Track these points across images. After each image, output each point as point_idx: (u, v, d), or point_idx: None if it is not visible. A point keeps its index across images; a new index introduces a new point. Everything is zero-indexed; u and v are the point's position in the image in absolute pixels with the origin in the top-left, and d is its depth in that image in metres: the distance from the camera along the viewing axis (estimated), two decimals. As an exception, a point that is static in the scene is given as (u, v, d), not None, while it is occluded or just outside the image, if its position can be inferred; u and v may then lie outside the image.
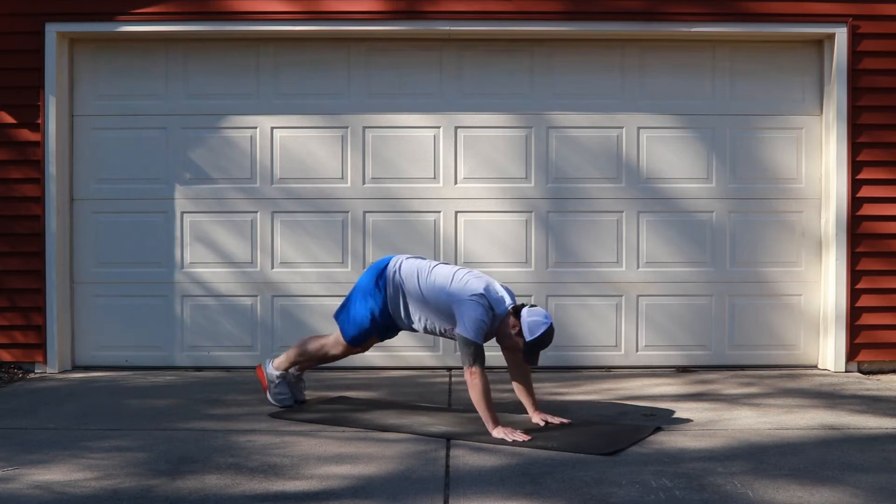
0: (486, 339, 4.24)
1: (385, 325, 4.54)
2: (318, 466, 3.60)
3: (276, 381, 4.74)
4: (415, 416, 4.52)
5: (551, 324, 4.11)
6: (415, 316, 4.42)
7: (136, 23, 5.86)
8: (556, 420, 4.32)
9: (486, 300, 4.16)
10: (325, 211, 6.10)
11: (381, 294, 4.45)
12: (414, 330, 4.51)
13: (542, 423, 4.29)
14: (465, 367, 4.12)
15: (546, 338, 4.10)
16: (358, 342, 4.57)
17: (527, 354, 4.12)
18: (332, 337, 4.68)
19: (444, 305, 4.26)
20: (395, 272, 4.45)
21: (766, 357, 6.16)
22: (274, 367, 4.74)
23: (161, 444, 3.95)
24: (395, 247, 6.07)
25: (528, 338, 4.07)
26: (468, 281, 4.25)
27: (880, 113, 5.95)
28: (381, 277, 4.47)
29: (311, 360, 4.75)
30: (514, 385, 4.39)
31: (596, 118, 6.12)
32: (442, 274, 4.34)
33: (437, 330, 4.41)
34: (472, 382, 4.09)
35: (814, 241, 6.14)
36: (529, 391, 4.37)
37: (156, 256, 6.08)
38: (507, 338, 4.19)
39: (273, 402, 4.75)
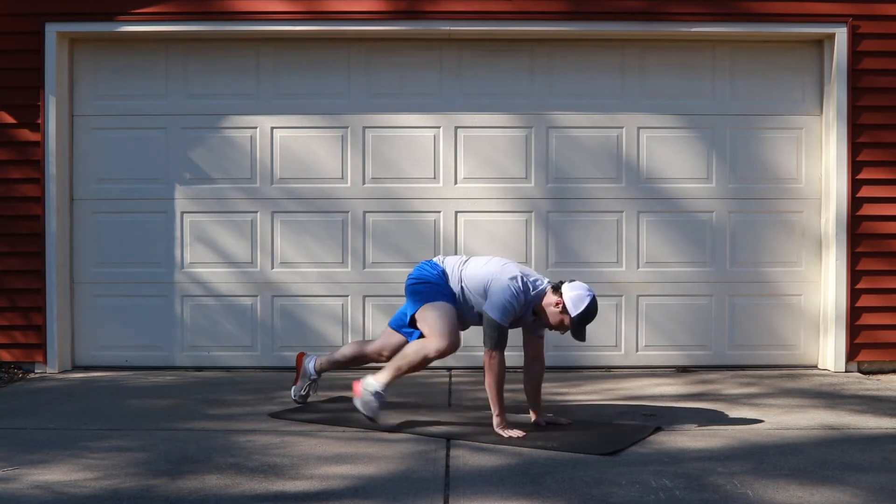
0: (515, 324, 4.22)
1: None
2: (319, 466, 3.60)
3: (309, 382, 4.76)
4: (415, 416, 4.52)
5: (594, 296, 4.09)
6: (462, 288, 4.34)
7: (136, 23, 5.86)
8: (556, 421, 4.32)
9: (520, 283, 4.13)
10: (325, 211, 6.10)
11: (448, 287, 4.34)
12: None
13: (542, 424, 4.29)
14: (485, 349, 4.11)
15: (591, 310, 4.06)
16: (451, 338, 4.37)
17: (575, 330, 4.08)
18: (377, 340, 4.60)
19: (479, 286, 4.22)
20: (442, 264, 4.41)
21: (766, 357, 6.16)
22: (315, 369, 4.74)
23: (161, 444, 3.95)
24: (395, 246, 6.07)
25: (573, 312, 4.04)
26: (505, 263, 4.26)
27: (880, 113, 5.95)
28: (437, 273, 4.38)
29: (348, 362, 4.71)
30: (525, 383, 4.37)
31: (596, 118, 6.12)
32: (477, 258, 4.37)
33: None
34: (489, 364, 4.08)
35: (814, 241, 6.14)
36: (538, 393, 4.36)
37: (156, 256, 6.07)
38: (547, 317, 4.13)
39: (292, 394, 4.79)
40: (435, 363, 6.10)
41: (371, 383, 4.27)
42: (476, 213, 6.10)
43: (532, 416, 4.35)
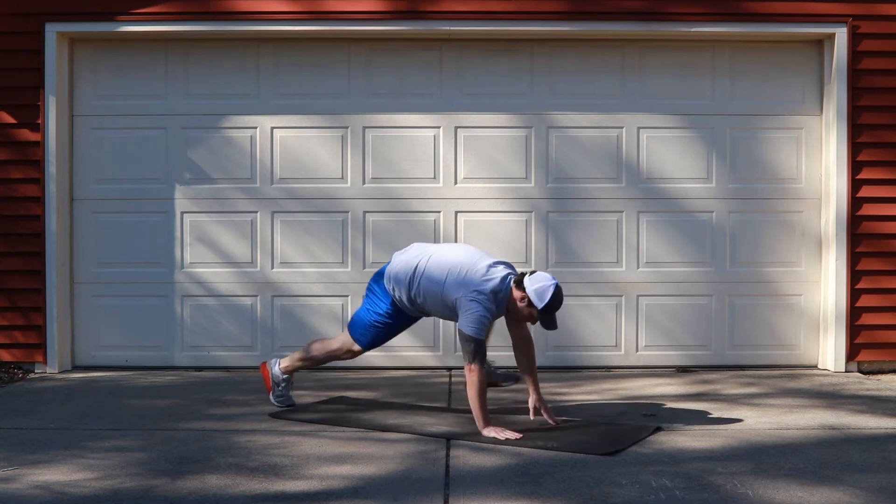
0: (498, 315, 4.25)
1: (395, 324, 4.53)
2: (319, 466, 3.60)
3: (282, 385, 4.74)
4: (415, 416, 4.52)
5: (557, 283, 4.12)
6: (421, 302, 4.40)
7: (136, 23, 5.86)
8: (552, 420, 4.31)
9: (487, 292, 4.13)
10: (325, 211, 6.10)
11: (388, 296, 4.47)
12: (427, 313, 4.51)
13: (535, 409, 4.30)
14: (464, 364, 4.14)
15: (556, 299, 4.10)
16: (365, 344, 4.57)
17: (543, 321, 4.12)
18: (338, 339, 4.69)
19: (442, 300, 4.27)
20: (392, 272, 4.46)
21: (766, 357, 6.16)
22: (281, 370, 4.74)
23: (161, 444, 3.95)
24: (395, 246, 6.03)
25: (539, 305, 4.07)
26: (465, 273, 4.21)
27: (880, 113, 5.95)
28: (381, 279, 4.50)
29: (317, 363, 4.76)
30: (518, 362, 4.40)
31: (596, 118, 6.12)
32: (437, 268, 4.29)
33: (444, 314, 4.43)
34: (470, 379, 4.10)
35: (814, 241, 6.14)
36: (532, 366, 4.36)
37: (156, 256, 6.07)
38: (518, 311, 4.18)
39: (275, 403, 4.75)
40: (434, 363, 6.14)
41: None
42: (476, 213, 6.10)
43: (531, 402, 4.33)
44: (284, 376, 4.73)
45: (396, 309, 4.48)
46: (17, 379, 5.70)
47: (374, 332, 4.54)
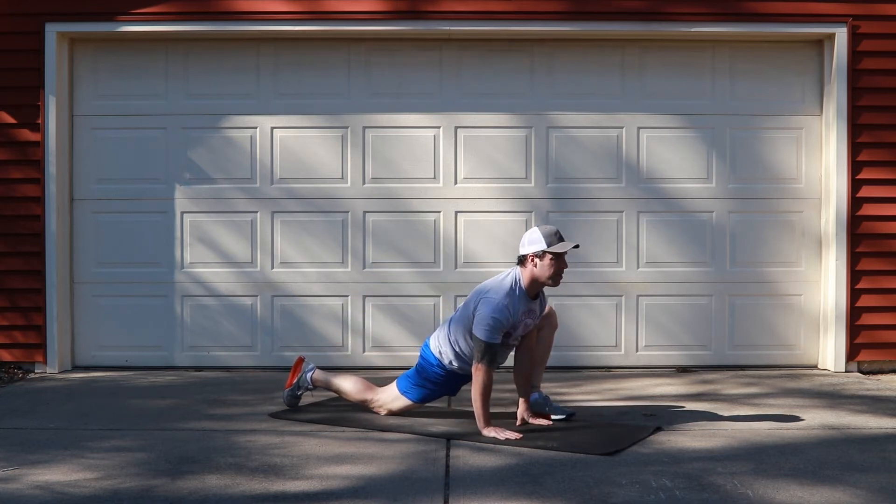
0: (526, 315, 4.23)
1: (445, 390, 4.53)
2: (319, 466, 3.60)
3: (303, 391, 4.72)
4: (415, 416, 4.52)
5: (535, 227, 4.22)
6: (464, 347, 4.35)
7: (136, 23, 5.86)
8: (538, 421, 4.33)
9: (499, 296, 4.13)
10: (325, 211, 6.10)
11: (430, 383, 4.46)
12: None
13: (522, 421, 4.30)
14: (473, 363, 4.15)
15: (546, 229, 4.16)
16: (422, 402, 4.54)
17: (561, 249, 4.12)
18: (387, 393, 4.55)
19: (469, 319, 4.24)
20: (430, 352, 4.45)
21: (766, 357, 6.16)
22: (312, 379, 4.69)
23: (161, 444, 3.95)
24: (395, 246, 6.07)
25: (543, 247, 4.12)
26: (482, 285, 4.30)
27: (880, 113, 5.95)
28: (424, 366, 4.47)
29: (344, 399, 4.70)
30: (517, 366, 4.39)
31: (596, 118, 6.12)
32: (468, 298, 4.35)
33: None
34: (476, 378, 4.11)
35: (814, 241, 6.14)
36: (528, 377, 4.36)
37: (156, 256, 6.07)
38: (545, 274, 4.16)
39: (284, 400, 4.75)
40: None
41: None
42: (476, 213, 6.10)
43: (519, 412, 4.34)
44: (311, 386, 4.70)
45: (445, 372, 4.42)
46: (17, 379, 5.70)
47: (424, 392, 4.49)
